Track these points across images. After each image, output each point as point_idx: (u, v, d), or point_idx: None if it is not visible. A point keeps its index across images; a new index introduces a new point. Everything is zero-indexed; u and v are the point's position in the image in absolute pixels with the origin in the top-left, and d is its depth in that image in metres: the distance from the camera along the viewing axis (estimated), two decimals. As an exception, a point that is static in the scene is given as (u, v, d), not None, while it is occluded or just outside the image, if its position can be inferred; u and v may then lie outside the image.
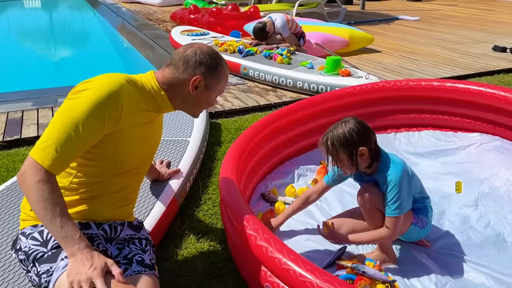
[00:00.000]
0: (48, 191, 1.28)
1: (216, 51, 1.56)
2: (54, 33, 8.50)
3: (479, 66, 5.00)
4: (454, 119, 2.83)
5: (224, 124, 3.39)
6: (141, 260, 1.49)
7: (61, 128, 1.31)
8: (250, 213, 1.74)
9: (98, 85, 1.37)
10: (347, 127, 1.76)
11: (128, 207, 1.64)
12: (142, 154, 1.58)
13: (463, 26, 7.81)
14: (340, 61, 3.99)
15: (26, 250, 1.41)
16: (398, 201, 1.76)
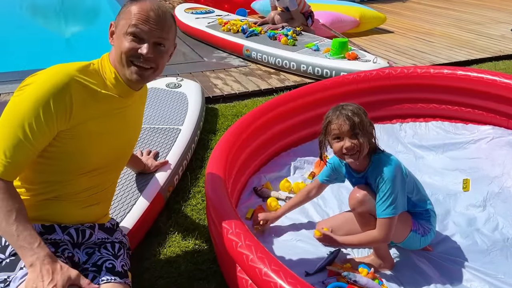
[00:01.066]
0: (0, 198, 1.18)
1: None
2: (63, 11, 8.34)
3: (497, 49, 4.72)
4: (464, 110, 2.63)
5: (221, 109, 3.24)
6: (112, 267, 1.38)
7: (7, 131, 1.21)
8: (234, 216, 1.61)
9: (42, 79, 1.23)
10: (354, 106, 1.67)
11: (99, 206, 1.51)
12: (109, 153, 1.43)
13: (483, 4, 7.43)
14: (347, 43, 3.77)
15: None
16: (390, 200, 1.62)
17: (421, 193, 1.80)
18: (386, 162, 1.65)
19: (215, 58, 4.39)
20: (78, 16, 7.62)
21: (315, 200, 2.21)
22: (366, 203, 1.67)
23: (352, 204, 1.72)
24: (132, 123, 1.51)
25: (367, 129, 1.65)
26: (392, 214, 1.63)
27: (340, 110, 1.66)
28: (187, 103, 2.87)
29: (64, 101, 1.23)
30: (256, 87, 3.61)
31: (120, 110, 1.40)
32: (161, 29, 1.31)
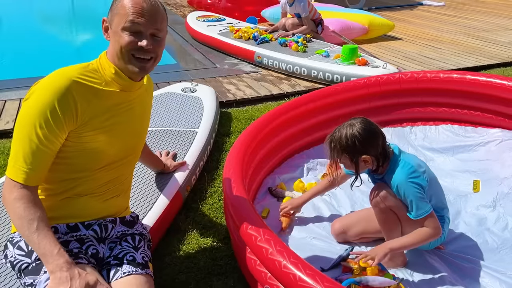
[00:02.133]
0: (23, 207, 1.26)
1: None
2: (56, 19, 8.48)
3: (505, 55, 4.78)
4: (474, 113, 2.69)
5: (234, 113, 3.32)
6: (133, 259, 1.44)
7: (22, 139, 1.28)
8: (252, 212, 1.68)
9: (44, 86, 1.29)
10: (350, 133, 1.68)
11: (119, 198, 1.57)
12: (122, 146, 1.48)
13: (491, 12, 7.49)
14: (357, 49, 3.85)
15: (12, 260, 1.38)
16: (418, 200, 1.67)
17: (441, 200, 1.83)
18: (399, 169, 1.70)
19: (227, 65, 4.50)
20: (89, 23, 7.76)
21: (328, 200, 2.28)
22: (387, 200, 1.71)
23: (375, 201, 1.75)
24: (140, 116, 1.54)
25: (341, 161, 1.73)
26: (427, 212, 1.67)
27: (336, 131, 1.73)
28: (203, 107, 2.96)
29: (68, 103, 1.28)
30: (268, 92, 3.69)
31: (126, 105, 1.45)
32: (156, 20, 1.35)
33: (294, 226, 2.11)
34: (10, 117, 3.19)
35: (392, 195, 1.71)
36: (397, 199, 1.71)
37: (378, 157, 1.70)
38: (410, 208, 1.70)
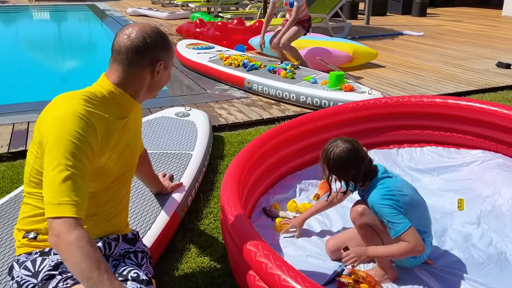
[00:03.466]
0: (88, 246, 1.20)
1: (157, 27, 1.50)
2: (61, 45, 8.61)
3: (483, 82, 5.01)
4: (456, 135, 2.84)
5: (227, 137, 3.41)
6: (137, 276, 1.47)
7: (59, 173, 1.26)
8: (250, 229, 1.75)
9: (63, 117, 1.33)
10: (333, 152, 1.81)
11: (122, 216, 1.63)
12: (126, 161, 1.56)
13: (468, 42, 7.84)
14: (343, 76, 4.01)
15: (18, 280, 1.41)
16: (392, 219, 1.75)
17: (422, 225, 1.87)
18: (375, 189, 1.80)
19: (217, 90, 4.61)
20: (78, 49, 7.88)
21: (321, 219, 2.36)
22: (364, 216, 1.81)
23: (352, 217, 1.86)
24: (135, 133, 1.62)
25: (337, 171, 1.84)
26: (405, 227, 1.73)
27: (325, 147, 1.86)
28: (196, 130, 3.04)
29: (91, 129, 1.34)
30: (259, 116, 3.80)
31: (128, 124, 1.53)
32: None
33: (288, 245, 2.17)
34: (4, 141, 3.22)
35: (369, 212, 1.81)
36: (373, 216, 1.80)
37: (348, 181, 1.85)
38: (387, 227, 1.78)
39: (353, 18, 11.03)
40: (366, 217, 1.82)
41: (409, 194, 1.86)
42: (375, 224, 1.83)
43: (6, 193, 2.55)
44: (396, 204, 1.76)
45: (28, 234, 1.47)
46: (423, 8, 11.83)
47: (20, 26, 11.23)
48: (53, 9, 14.48)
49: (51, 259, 1.44)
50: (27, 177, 1.46)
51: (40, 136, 1.36)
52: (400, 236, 1.74)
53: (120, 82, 1.46)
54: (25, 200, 1.49)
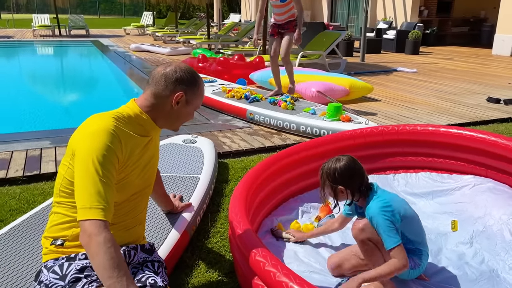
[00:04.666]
0: (114, 249, 1.36)
1: (193, 69, 1.68)
2: (68, 78, 8.91)
3: (474, 115, 5.24)
4: (449, 162, 3.01)
5: (231, 163, 3.57)
6: (154, 282, 1.59)
7: (90, 181, 1.42)
8: (258, 241, 1.88)
9: (96, 132, 1.50)
10: (335, 166, 1.97)
11: (140, 227, 1.78)
12: (146, 176, 1.72)
13: (460, 78, 8.16)
14: (341, 107, 4.23)
15: (47, 283, 1.53)
16: (387, 233, 1.87)
17: (418, 235, 2.03)
18: (373, 203, 1.94)
19: (220, 121, 4.82)
20: (85, 82, 8.15)
21: (323, 237, 2.49)
22: (366, 231, 1.93)
23: (354, 233, 1.98)
24: (154, 152, 1.79)
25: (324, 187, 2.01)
26: (397, 242, 1.86)
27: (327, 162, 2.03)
28: (203, 156, 3.21)
29: (119, 144, 1.52)
30: (261, 144, 3.98)
31: (148, 143, 1.71)
32: None
33: (293, 262, 2.29)
34: (19, 166, 3.37)
35: (369, 227, 1.93)
36: (373, 230, 1.92)
37: (355, 190, 1.96)
38: (382, 239, 1.90)
39: (349, 55, 11.45)
40: (367, 232, 1.95)
41: (404, 208, 2.01)
42: (376, 238, 1.96)
43: (23, 213, 2.68)
44: (393, 218, 1.90)
45: (55, 241, 1.61)
46: (416, 47, 12.31)
47: (27, 59, 11.58)
48: (57, 44, 14.92)
49: (77, 264, 1.57)
50: (57, 188, 1.61)
51: (73, 149, 1.53)
52: (391, 250, 1.87)
53: (145, 105, 1.65)
54: (54, 210, 1.64)
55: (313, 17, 19.34)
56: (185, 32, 15.87)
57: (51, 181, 3.19)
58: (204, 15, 18.87)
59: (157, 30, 16.47)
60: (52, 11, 19.05)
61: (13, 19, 25.14)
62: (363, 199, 2.01)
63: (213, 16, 24.18)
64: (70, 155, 1.56)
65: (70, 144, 1.57)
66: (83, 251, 1.59)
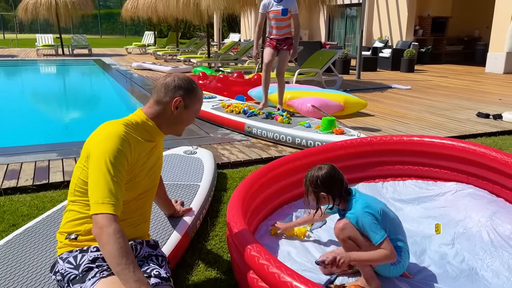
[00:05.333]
0: (122, 239, 1.53)
1: (190, 78, 1.88)
2: (72, 95, 9.18)
3: (463, 129, 5.46)
4: (433, 170, 3.20)
5: (229, 173, 3.76)
6: (158, 274, 1.77)
7: (102, 179, 1.61)
8: (253, 239, 2.06)
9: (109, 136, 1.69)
10: (317, 174, 2.18)
11: (145, 225, 1.97)
12: (151, 178, 1.92)
13: (453, 95, 8.41)
14: (335, 121, 4.44)
15: (62, 272, 1.71)
16: (373, 229, 2.06)
17: (399, 235, 2.21)
18: (357, 203, 2.14)
19: (219, 134, 5.03)
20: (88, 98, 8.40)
21: (314, 240, 2.67)
22: (346, 230, 2.12)
23: (336, 232, 2.16)
24: (159, 155, 1.99)
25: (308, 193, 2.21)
26: (383, 237, 2.05)
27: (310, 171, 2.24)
28: (203, 165, 3.40)
29: (129, 147, 1.72)
30: (258, 156, 4.18)
31: (154, 147, 1.90)
32: None
33: (287, 260, 2.46)
34: (28, 176, 3.56)
35: (349, 226, 2.11)
36: (354, 229, 2.11)
37: (335, 196, 2.16)
38: (369, 236, 2.08)
39: (345, 73, 11.74)
40: (347, 230, 2.13)
41: (380, 206, 2.20)
42: (356, 237, 2.13)
43: (33, 218, 2.86)
44: (375, 216, 2.09)
45: (70, 236, 1.79)
46: (411, 65, 12.62)
47: (33, 77, 11.88)
48: (62, 63, 15.25)
49: (89, 255, 1.75)
50: (72, 188, 1.81)
51: (88, 151, 1.73)
52: (380, 243, 2.06)
53: (150, 112, 1.87)
54: (69, 207, 1.83)
55: (311, 36, 19.77)
56: (186, 51, 16.23)
57: (60, 190, 3.38)
58: (204, 35, 19.31)
59: (158, 49, 16.85)
60: (54, 31, 19.54)
61: (17, 39, 25.63)
62: (343, 203, 2.20)
63: (213, 36, 24.68)
64: (85, 157, 1.75)
65: (85, 147, 1.77)
66: (94, 244, 1.78)
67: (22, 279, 1.94)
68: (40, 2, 16.64)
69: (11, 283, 1.91)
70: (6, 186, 3.33)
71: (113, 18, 41.16)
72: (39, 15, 16.82)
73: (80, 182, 1.76)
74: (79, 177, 1.76)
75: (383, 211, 2.16)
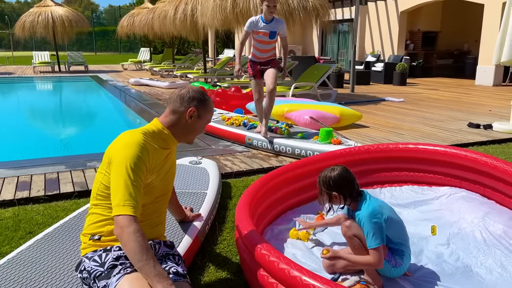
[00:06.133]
0: (142, 238, 1.67)
1: (203, 91, 2.02)
2: (74, 111, 9.33)
3: (455, 139, 5.66)
4: (428, 175, 3.38)
5: (233, 183, 3.92)
6: (176, 271, 1.91)
7: (123, 183, 1.76)
8: (262, 238, 2.20)
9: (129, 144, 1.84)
10: (330, 174, 2.33)
11: (161, 226, 2.12)
12: (166, 182, 2.07)
13: (444, 107, 8.65)
14: (332, 132, 4.62)
15: (88, 270, 1.85)
16: (371, 235, 2.21)
17: (403, 240, 2.36)
18: (367, 207, 2.28)
19: (221, 146, 5.19)
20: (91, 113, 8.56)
21: (318, 242, 2.81)
22: (352, 228, 2.27)
23: (343, 231, 2.32)
24: (172, 163, 2.14)
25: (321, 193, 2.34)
26: (376, 245, 2.20)
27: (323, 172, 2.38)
28: (208, 175, 3.55)
29: (147, 154, 1.87)
30: (260, 166, 4.34)
31: (168, 155, 2.05)
32: None
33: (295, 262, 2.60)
34: (40, 187, 3.69)
35: (355, 226, 2.27)
36: (360, 228, 2.27)
37: (347, 196, 2.30)
38: (367, 238, 2.23)
39: (339, 87, 12.00)
40: (353, 229, 2.29)
41: (389, 214, 2.35)
42: (361, 235, 2.29)
43: (48, 226, 2.98)
44: (379, 224, 2.23)
45: (93, 237, 1.93)
46: (403, 78, 12.92)
47: (32, 94, 12.01)
48: (60, 80, 15.39)
49: (113, 254, 1.88)
50: (94, 192, 1.95)
51: (110, 157, 1.88)
52: (371, 250, 2.21)
53: (165, 121, 2.02)
54: (91, 211, 1.97)
55: (304, 51, 20.14)
56: (182, 66, 16.47)
57: (71, 200, 3.51)
58: (199, 51, 19.62)
59: (154, 65, 17.08)
60: (48, 49, 19.69)
61: (13, 56, 25.79)
62: (354, 204, 2.35)
63: (208, 52, 25.02)
64: (106, 163, 1.90)
65: (106, 154, 1.92)
66: (117, 244, 1.91)
67: (47, 279, 2.07)
68: (37, 20, 16.86)
69: (37, 283, 2.03)
70: (20, 197, 3.45)
71: (107, 35, 41.52)
72: (37, 33, 17.03)
73: (102, 187, 1.91)
74: (101, 182, 1.91)
75: (390, 218, 2.31)
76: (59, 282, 2.04)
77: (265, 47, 4.85)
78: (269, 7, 4.54)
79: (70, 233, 2.55)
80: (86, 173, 4.08)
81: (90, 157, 4.60)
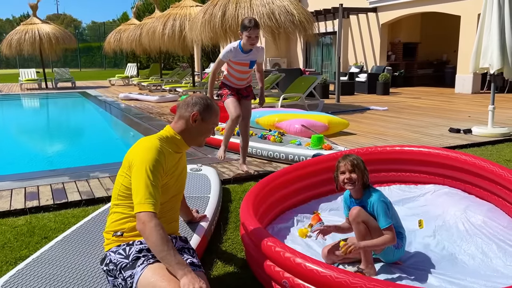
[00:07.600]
0: (162, 231, 1.86)
1: (207, 97, 2.23)
2: (66, 126, 9.46)
3: (437, 143, 5.99)
4: (414, 175, 3.66)
5: (232, 188, 4.14)
6: (192, 262, 2.12)
7: (143, 183, 1.95)
8: (266, 232, 2.43)
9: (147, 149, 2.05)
10: (357, 157, 2.62)
11: (176, 223, 2.34)
12: (179, 183, 2.29)
13: (426, 114, 9.04)
14: (323, 138, 4.89)
15: (115, 262, 2.05)
16: (384, 214, 2.49)
17: (397, 221, 2.66)
18: (375, 193, 2.57)
19: (217, 155, 5.39)
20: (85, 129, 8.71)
21: (320, 240, 3.04)
22: (361, 215, 2.52)
23: (352, 217, 2.55)
24: (184, 166, 2.35)
25: (362, 170, 2.60)
26: (389, 223, 2.49)
27: (346, 157, 2.64)
28: (210, 180, 3.77)
29: (163, 157, 2.07)
30: (256, 172, 4.56)
31: (180, 158, 2.27)
32: None
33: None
34: (48, 196, 3.86)
35: (363, 212, 2.53)
36: (367, 214, 2.53)
37: (362, 179, 2.58)
38: (379, 220, 2.50)
39: (325, 97, 12.34)
40: (361, 216, 2.53)
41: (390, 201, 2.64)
42: (368, 221, 2.53)
43: (62, 231, 3.16)
44: (387, 205, 2.54)
45: (116, 233, 2.14)
46: (386, 88, 13.35)
47: (21, 111, 12.06)
48: (49, 97, 15.43)
49: (136, 247, 2.09)
50: (115, 193, 2.16)
51: (130, 161, 2.09)
52: (385, 228, 2.48)
53: (176, 127, 2.24)
54: (113, 210, 2.18)
55: (289, 64, 20.56)
56: (170, 81, 16.69)
57: (79, 207, 3.69)
58: (186, 65, 19.84)
59: (142, 80, 17.25)
60: (33, 66, 19.61)
61: (-3, 74, 25.64)
62: (360, 191, 2.61)
63: (195, 66, 25.30)
64: (126, 166, 2.12)
65: (126, 158, 2.14)
66: (138, 239, 2.12)
67: (73, 275, 2.26)
68: (24, 38, 16.91)
69: (65, 279, 2.22)
70: (30, 206, 3.62)
71: (91, 52, 41.52)
72: (23, 51, 17.07)
73: (123, 188, 2.12)
74: (122, 183, 2.12)
75: (391, 204, 2.62)
76: (84, 277, 2.23)
77: (243, 76, 4.53)
78: (250, 38, 4.19)
79: (88, 235, 2.74)
80: (90, 183, 4.26)
81: (92, 168, 4.78)
